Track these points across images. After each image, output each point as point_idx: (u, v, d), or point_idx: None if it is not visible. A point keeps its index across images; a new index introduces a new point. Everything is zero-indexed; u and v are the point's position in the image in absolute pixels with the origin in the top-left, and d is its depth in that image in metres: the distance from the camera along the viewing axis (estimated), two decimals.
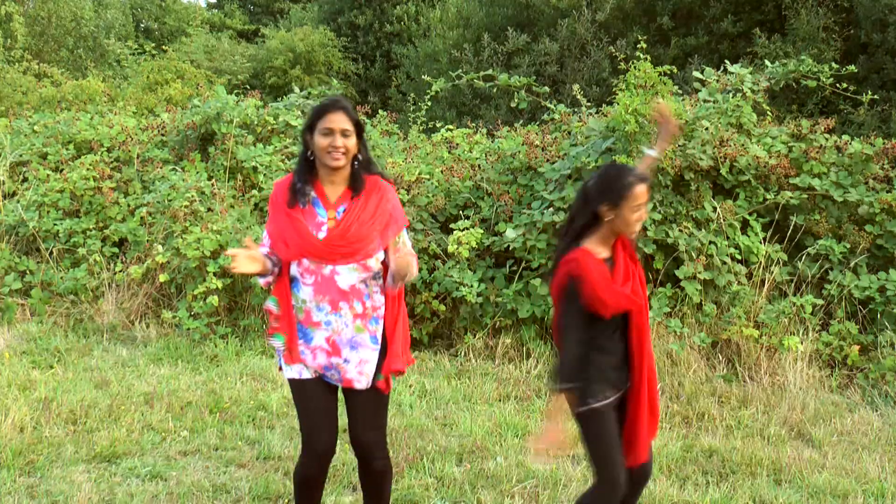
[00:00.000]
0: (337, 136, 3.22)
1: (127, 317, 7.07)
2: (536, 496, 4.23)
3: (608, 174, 3.16)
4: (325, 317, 3.28)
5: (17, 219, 7.82)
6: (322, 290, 3.27)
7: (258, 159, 8.24)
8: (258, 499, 4.12)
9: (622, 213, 3.07)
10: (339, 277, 3.26)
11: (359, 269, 3.28)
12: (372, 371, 3.32)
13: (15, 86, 15.27)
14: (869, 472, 4.67)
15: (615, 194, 3.06)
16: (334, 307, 3.27)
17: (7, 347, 6.41)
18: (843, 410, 5.61)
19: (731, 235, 6.71)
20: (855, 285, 6.50)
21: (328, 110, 3.26)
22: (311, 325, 3.30)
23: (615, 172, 3.16)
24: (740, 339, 6.23)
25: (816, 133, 7.41)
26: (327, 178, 3.34)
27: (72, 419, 5.07)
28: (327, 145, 3.22)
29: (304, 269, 3.29)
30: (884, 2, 10.92)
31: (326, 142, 3.22)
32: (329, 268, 3.26)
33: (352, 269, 3.27)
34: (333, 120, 3.23)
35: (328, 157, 3.24)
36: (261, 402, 5.45)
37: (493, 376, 6.13)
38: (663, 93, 6.98)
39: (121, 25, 25.38)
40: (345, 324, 3.28)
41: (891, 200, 6.81)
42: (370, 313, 3.32)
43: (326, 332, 3.28)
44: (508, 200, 7.16)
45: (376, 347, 3.33)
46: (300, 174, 3.35)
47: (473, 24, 16.19)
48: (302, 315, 3.32)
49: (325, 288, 3.26)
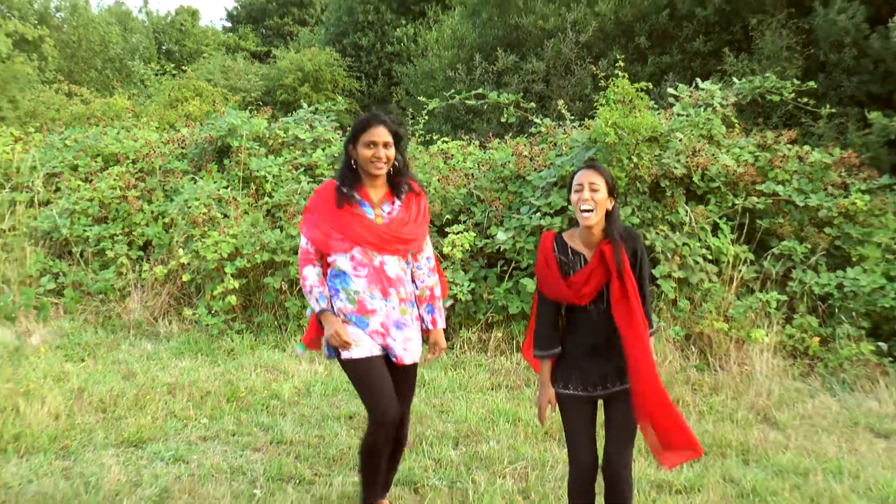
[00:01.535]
0: (380, 147, 3.34)
1: (151, 314, 7.07)
2: (526, 476, 4.24)
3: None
4: (378, 303, 3.38)
5: (51, 225, 7.83)
6: (374, 280, 3.37)
7: (269, 169, 8.25)
8: (272, 480, 4.12)
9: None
10: (387, 267, 3.39)
11: (400, 259, 3.43)
12: (414, 349, 3.46)
13: (48, 104, 15.28)
14: (828, 451, 4.69)
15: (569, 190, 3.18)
16: (385, 294, 3.39)
17: (43, 342, 6.41)
18: (804, 396, 5.63)
19: (703, 237, 6.73)
20: (815, 282, 6.52)
21: (371, 124, 3.36)
22: (365, 314, 3.38)
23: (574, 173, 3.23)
24: (711, 332, 6.25)
25: (780, 144, 7.45)
26: (369, 183, 3.45)
27: (102, 407, 5.08)
28: (371, 156, 3.34)
29: (357, 263, 3.37)
30: (840, 25, 10.96)
31: (370, 153, 3.34)
32: (378, 259, 3.37)
33: (396, 260, 3.41)
34: (376, 133, 3.34)
35: (371, 166, 3.35)
36: (274, 392, 5.46)
37: (486, 367, 6.14)
38: (640, 107, 7.01)
39: (144, 48, 25.40)
40: (392, 307, 3.40)
41: (847, 205, 6.85)
42: (409, 298, 3.48)
43: (381, 318, 3.39)
44: (499, 206, 7.18)
45: (414, 327, 3.48)
46: (345, 179, 3.44)
47: (467, 44, 16.18)
48: (355, 305, 3.38)
49: (376, 278, 3.38)
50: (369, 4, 23.25)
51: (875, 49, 10.68)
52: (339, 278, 3.40)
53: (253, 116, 9.13)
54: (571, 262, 3.15)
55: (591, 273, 3.09)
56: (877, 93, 10.79)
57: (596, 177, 3.10)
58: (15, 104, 14.97)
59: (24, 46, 18.63)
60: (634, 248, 3.12)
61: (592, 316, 3.14)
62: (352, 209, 3.38)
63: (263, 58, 27.83)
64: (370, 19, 23.08)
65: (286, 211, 7.51)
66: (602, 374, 3.16)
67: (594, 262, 3.10)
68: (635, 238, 3.15)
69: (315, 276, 3.44)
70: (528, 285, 6.43)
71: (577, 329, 3.19)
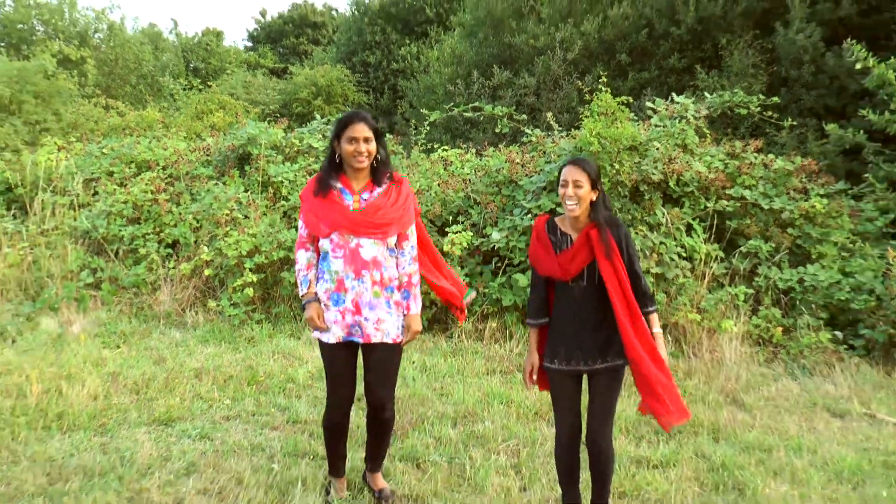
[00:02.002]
0: (360, 142, 3.32)
1: (179, 305, 7.07)
2: (518, 453, 4.24)
3: None
4: (351, 283, 3.35)
5: (89, 225, 7.82)
6: (349, 261, 3.35)
7: (285, 175, 8.24)
8: (288, 455, 4.12)
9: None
10: (362, 250, 3.35)
11: (378, 243, 3.37)
12: (388, 329, 3.39)
13: (88, 116, 15.26)
14: (789, 430, 4.70)
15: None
16: (357, 274, 3.35)
17: (83, 331, 6.41)
18: (769, 380, 5.63)
19: (678, 237, 6.73)
20: (779, 278, 6.52)
21: (352, 121, 3.34)
22: (341, 291, 3.36)
23: None
24: (686, 323, 6.25)
25: (747, 152, 7.44)
26: (352, 175, 3.43)
27: (135, 389, 5.09)
28: (353, 150, 3.32)
29: (335, 245, 3.36)
30: (799, 44, 10.98)
31: (352, 148, 3.32)
32: (355, 241, 3.34)
33: (373, 243, 3.36)
34: (357, 129, 3.32)
35: (354, 160, 3.34)
36: (290, 376, 5.46)
37: (481, 354, 6.14)
38: (621, 119, 7.00)
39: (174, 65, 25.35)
40: (365, 288, 3.35)
41: (807, 208, 6.85)
42: (387, 283, 3.41)
43: (352, 295, 3.35)
44: (494, 208, 7.17)
45: (391, 311, 3.41)
46: (328, 171, 3.43)
47: (465, 61, 16.15)
48: (334, 284, 3.37)
49: (351, 259, 3.34)
50: (376, 26, 23.23)
51: (830, 66, 10.70)
52: (325, 260, 3.42)
53: (271, 127, 9.12)
54: (559, 242, 3.23)
55: (576, 252, 3.16)
56: (833, 106, 10.80)
57: (579, 174, 3.14)
58: (58, 116, 14.95)
59: (66, 65, 18.61)
60: (618, 234, 3.17)
61: (575, 292, 3.20)
62: (332, 197, 3.37)
63: (281, 74, 27.80)
64: (377, 39, 23.07)
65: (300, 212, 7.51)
66: (585, 350, 3.19)
67: (579, 242, 3.17)
68: (618, 225, 3.20)
69: (304, 260, 3.47)
70: (521, 280, 6.42)
71: (563, 304, 3.24)
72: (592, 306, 3.17)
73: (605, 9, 14.01)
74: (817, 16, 11.26)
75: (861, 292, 6.28)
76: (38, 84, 15.07)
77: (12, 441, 4.20)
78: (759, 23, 12.43)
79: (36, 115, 14.55)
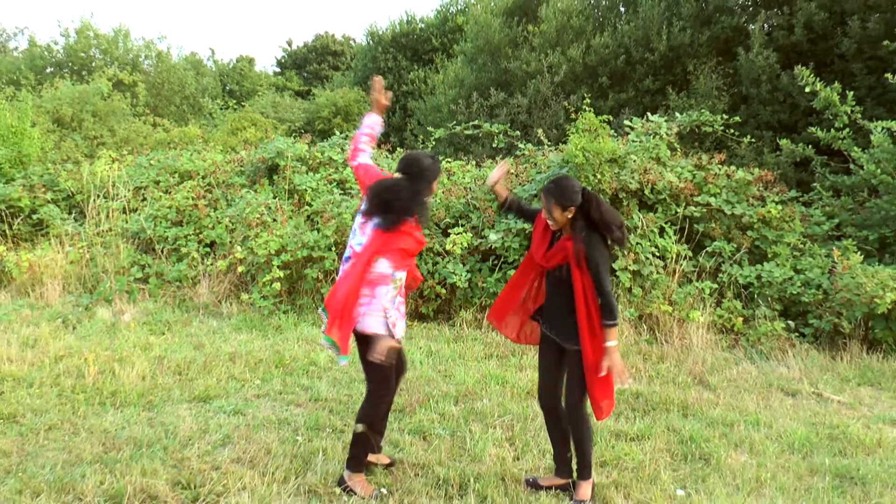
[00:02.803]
0: None
1: (216, 297, 7.06)
2: (512, 427, 4.23)
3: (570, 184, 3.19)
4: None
5: (138, 227, 7.82)
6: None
7: (309, 184, 8.22)
8: (311, 429, 4.12)
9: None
10: None
11: None
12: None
13: (138, 132, 15.30)
14: (748, 407, 4.69)
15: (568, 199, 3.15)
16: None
17: (133, 319, 6.41)
18: (731, 364, 5.62)
19: (652, 238, 6.71)
20: (739, 274, 6.50)
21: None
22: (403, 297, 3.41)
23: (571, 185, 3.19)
24: (659, 314, 6.23)
25: (712, 164, 7.41)
26: None
27: (178, 371, 5.08)
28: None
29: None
30: (758, 65, 10.97)
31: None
32: None
33: None
34: None
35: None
36: (312, 360, 5.44)
37: (480, 341, 6.12)
38: (603, 135, 6.97)
39: (212, 88, 25.38)
40: None
41: (764, 213, 6.82)
42: None
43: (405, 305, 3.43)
44: (491, 213, 7.15)
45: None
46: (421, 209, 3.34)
47: (466, 84, 16.12)
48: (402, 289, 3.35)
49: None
50: (389, 53, 23.22)
51: (784, 85, 10.68)
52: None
53: (296, 142, 9.10)
54: (554, 237, 3.33)
55: (556, 252, 3.24)
56: (786, 121, 10.79)
57: (546, 209, 3.20)
58: (113, 132, 14.99)
59: (120, 87, 18.63)
60: (589, 253, 3.11)
61: (551, 279, 3.32)
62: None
63: (305, 95, 27.80)
64: (389, 65, 23.06)
65: (322, 217, 7.48)
66: (558, 329, 3.29)
67: (558, 245, 3.25)
68: (592, 247, 3.11)
69: None
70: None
71: (548, 285, 3.37)
72: (566, 296, 3.21)
73: (589, 38, 13.99)
74: (773, 42, 11.28)
75: (810, 287, 6.26)
76: (96, 104, 15.13)
77: (73, 415, 4.21)
78: (722, 50, 12.43)
79: (94, 132, 14.60)
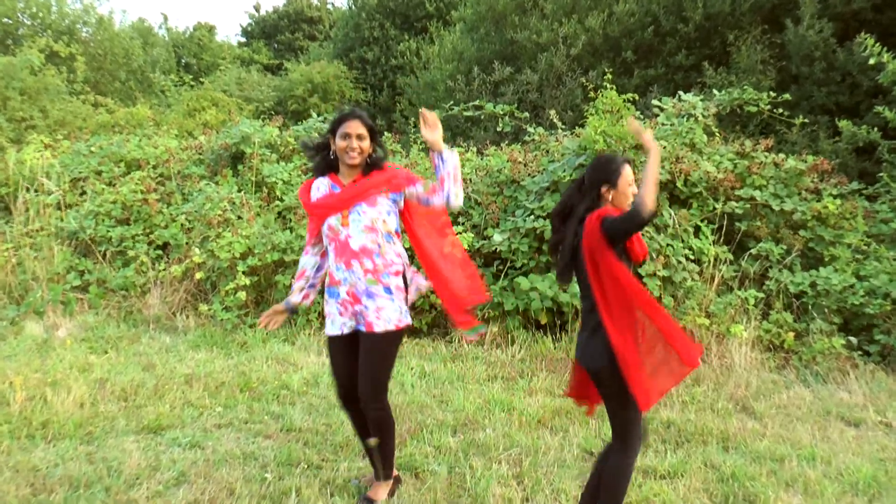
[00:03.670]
0: (353, 138, 3.43)
1: (169, 309, 7.05)
2: (520, 462, 4.22)
3: (600, 163, 3.23)
4: (342, 274, 3.47)
5: (76, 226, 7.80)
6: (339, 253, 3.46)
7: (280, 175, 8.22)
8: (282, 465, 4.10)
9: (620, 189, 3.17)
10: (351, 241, 3.44)
11: (366, 231, 3.43)
12: (388, 317, 3.45)
13: (76, 114, 15.26)
14: (802, 439, 4.67)
15: (612, 176, 3.16)
16: (347, 265, 3.45)
17: (69, 335, 6.39)
18: (780, 387, 5.61)
19: (686, 239, 6.71)
20: (790, 281, 6.50)
21: (347, 118, 3.48)
22: (334, 284, 3.50)
23: (605, 160, 3.23)
24: (694, 327, 6.23)
25: (757, 151, 7.42)
26: (344, 172, 3.54)
27: (123, 396, 5.05)
28: (345, 146, 3.44)
29: (329, 238, 3.49)
30: (809, 40, 10.97)
31: (345, 143, 3.45)
32: (344, 233, 3.44)
33: (361, 232, 3.43)
34: (351, 126, 3.45)
35: (346, 155, 3.46)
36: (284, 383, 5.43)
37: (482, 360, 6.11)
38: (626, 117, 6.98)
39: (164, 61, 25.36)
40: (358, 278, 3.44)
41: (820, 209, 6.83)
42: (381, 269, 3.47)
43: (347, 287, 3.46)
44: (495, 209, 7.15)
45: (391, 297, 3.48)
46: (319, 167, 3.61)
47: (466, 57, 16.15)
48: (328, 278, 3.53)
49: (341, 250, 3.46)
50: (375, 21, 23.23)
51: (842, 62, 10.69)
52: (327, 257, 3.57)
53: (265, 125, 9.10)
54: None
55: None
56: (845, 103, 10.79)
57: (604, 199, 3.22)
58: (45, 113, 14.95)
59: (54, 60, 18.59)
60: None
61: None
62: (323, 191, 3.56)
63: (275, 70, 27.76)
64: (375, 35, 23.06)
65: (296, 213, 7.48)
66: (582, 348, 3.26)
67: None
68: None
69: (300, 266, 3.71)
70: (522, 283, 6.39)
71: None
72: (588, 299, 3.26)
73: (611, 5, 14.01)
74: (829, 10, 11.24)
75: (876, 296, 6.27)
76: (25, 80, 15.07)
77: None
78: (767, 18, 12.44)
79: (21, 112, 14.54)
